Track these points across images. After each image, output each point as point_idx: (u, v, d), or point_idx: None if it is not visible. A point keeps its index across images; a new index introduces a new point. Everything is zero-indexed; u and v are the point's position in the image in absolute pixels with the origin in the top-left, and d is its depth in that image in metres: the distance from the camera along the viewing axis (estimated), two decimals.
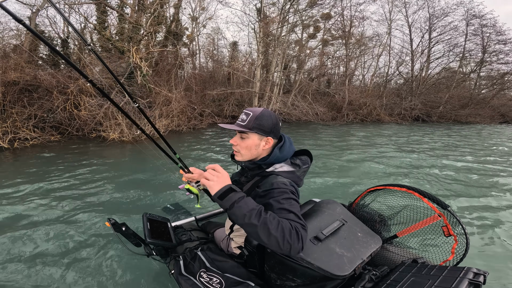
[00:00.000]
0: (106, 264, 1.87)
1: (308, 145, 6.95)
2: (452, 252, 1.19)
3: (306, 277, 1.00)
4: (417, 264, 1.09)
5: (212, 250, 1.36)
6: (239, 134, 1.12)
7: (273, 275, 1.10)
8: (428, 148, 6.91)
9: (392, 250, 1.32)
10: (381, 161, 5.22)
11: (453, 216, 1.15)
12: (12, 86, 6.23)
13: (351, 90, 15.18)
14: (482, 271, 0.90)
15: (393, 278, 1.02)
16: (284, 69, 12.36)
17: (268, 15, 11.48)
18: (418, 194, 1.27)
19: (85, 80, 6.34)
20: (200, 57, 15.33)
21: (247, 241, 1.20)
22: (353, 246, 1.08)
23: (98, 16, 7.86)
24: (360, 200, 1.57)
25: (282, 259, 1.02)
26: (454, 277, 0.89)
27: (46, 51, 9.85)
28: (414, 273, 1.01)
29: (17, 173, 3.85)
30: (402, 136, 9.26)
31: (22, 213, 2.62)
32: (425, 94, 17.43)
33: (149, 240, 1.31)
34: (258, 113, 1.08)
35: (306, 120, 11.88)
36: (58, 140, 6.25)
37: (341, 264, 0.98)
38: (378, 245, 1.15)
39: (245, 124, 1.07)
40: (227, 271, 1.20)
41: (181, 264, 1.29)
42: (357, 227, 1.21)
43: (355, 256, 1.03)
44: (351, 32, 14.95)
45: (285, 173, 1.11)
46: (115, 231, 1.28)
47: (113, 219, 1.28)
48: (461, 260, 1.17)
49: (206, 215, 2.06)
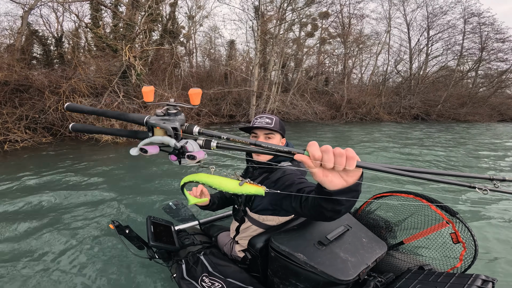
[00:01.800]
0: (108, 266, 1.85)
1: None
2: (460, 259, 1.17)
3: (310, 282, 0.97)
4: (424, 271, 1.07)
5: (215, 255, 1.35)
6: (265, 135, 1.21)
7: (276, 280, 1.08)
8: (430, 146, 6.81)
9: (398, 257, 1.29)
10: (383, 161, 5.10)
11: (462, 223, 1.12)
12: (3, 86, 6.04)
13: (349, 88, 15.09)
14: (491, 278, 0.88)
15: (398, 285, 0.99)
16: (282, 67, 12.22)
17: (266, 13, 11.33)
18: (425, 201, 1.23)
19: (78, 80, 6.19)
20: (197, 56, 15.17)
21: (250, 245, 1.18)
22: (358, 251, 1.06)
23: (91, 14, 7.68)
24: (366, 207, 1.53)
25: (286, 263, 1.00)
26: (462, 284, 0.87)
27: (40, 51, 9.67)
28: (421, 280, 0.99)
29: (9, 177, 3.69)
30: (402, 134, 9.16)
31: (21, 217, 2.55)
32: (424, 93, 17.38)
33: (152, 243, 1.29)
34: (277, 117, 1.26)
35: (305, 119, 11.76)
36: (50, 142, 6.07)
37: (345, 269, 0.95)
38: (383, 250, 1.13)
39: (273, 126, 1.19)
40: (230, 276, 1.19)
41: (183, 268, 1.28)
42: (362, 233, 1.19)
43: (359, 261, 1.01)
44: (350, 30, 14.83)
45: (291, 166, 1.18)
46: (119, 233, 1.27)
47: (117, 222, 1.27)
48: (469, 267, 1.15)
49: (210, 219, 2.08)
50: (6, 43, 8.62)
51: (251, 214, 1.24)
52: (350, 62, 16.61)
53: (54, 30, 10.25)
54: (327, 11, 13.71)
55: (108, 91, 6.49)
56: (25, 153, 5.08)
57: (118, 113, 0.70)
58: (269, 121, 1.21)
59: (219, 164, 4.56)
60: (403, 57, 18.72)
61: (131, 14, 6.95)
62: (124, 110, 6.22)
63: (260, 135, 1.23)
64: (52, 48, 9.62)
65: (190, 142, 0.62)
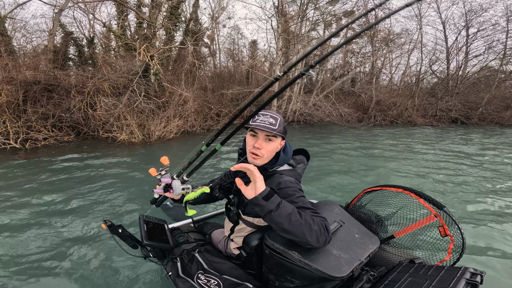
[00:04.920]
0: (102, 267, 1.85)
1: (334, 148, 6.28)
2: (449, 252, 1.19)
3: (305, 278, 0.99)
4: (415, 265, 1.10)
5: (210, 252, 1.35)
6: (266, 137, 1.10)
7: (272, 276, 1.10)
8: (475, 155, 5.94)
9: (390, 251, 1.32)
10: (420, 171, 4.46)
11: (449, 216, 1.15)
12: (32, 86, 6.32)
13: (378, 89, 14.08)
14: (479, 271, 0.90)
15: (390, 279, 1.01)
16: (304, 66, 11.69)
17: (287, 12, 10.91)
18: (414, 195, 1.26)
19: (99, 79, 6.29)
20: (221, 57, 15.16)
21: (245, 243, 1.19)
22: (351, 247, 1.08)
23: (117, 15, 7.86)
24: (357, 201, 1.56)
25: (280, 260, 1.02)
26: (452, 277, 0.89)
27: (74, 52, 10.18)
28: (412, 273, 1.01)
29: (23, 174, 3.71)
30: (441, 140, 8.22)
31: (18, 215, 2.57)
32: (464, 94, 15.74)
33: (146, 242, 1.28)
34: (281, 117, 1.13)
35: (329, 122, 11.11)
36: (71, 141, 6.21)
37: (339, 266, 0.97)
38: (376, 246, 1.15)
39: (277, 128, 1.07)
40: (225, 272, 1.19)
41: (178, 266, 1.27)
42: (355, 228, 1.21)
43: (352, 257, 1.03)
44: (377, 28, 13.82)
45: (287, 171, 1.15)
46: (112, 233, 1.25)
47: (109, 221, 1.25)
48: (457, 260, 1.18)
49: (203, 216, 2.08)
50: (42, 44, 9.19)
51: (245, 217, 1.22)
52: (379, 62, 15.56)
53: (86, 32, 10.78)
54: (352, 10, 12.94)
55: (129, 91, 6.52)
56: (44, 151, 5.19)
57: None
58: (273, 121, 1.08)
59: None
60: (439, 56, 17.20)
61: (151, 14, 6.96)
62: (142, 109, 6.20)
63: (260, 136, 1.10)
64: (85, 49, 10.09)
65: (173, 183, 1.12)
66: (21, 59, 7.39)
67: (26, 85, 6.17)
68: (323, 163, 4.82)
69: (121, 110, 6.19)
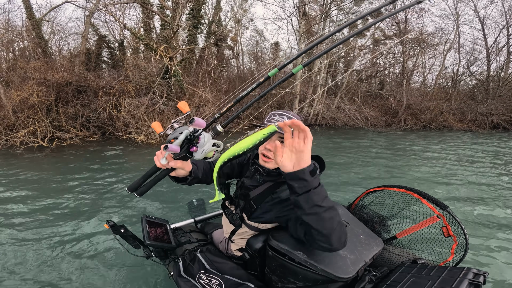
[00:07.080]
0: (105, 266, 1.85)
1: (359, 156, 5.87)
2: (452, 253, 1.17)
3: (308, 280, 0.98)
4: (417, 265, 1.09)
5: (211, 252, 1.34)
6: (279, 138, 1.04)
7: (274, 278, 1.08)
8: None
9: (392, 251, 1.29)
10: (461, 188, 3.95)
11: (453, 216, 1.13)
12: (65, 87, 6.69)
13: (409, 92, 13.13)
14: (482, 272, 0.89)
15: (393, 279, 1.00)
16: (328, 67, 11.24)
17: (309, 13, 10.57)
18: (417, 195, 1.24)
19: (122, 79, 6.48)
20: (244, 58, 15.18)
21: (248, 245, 1.17)
22: (356, 248, 1.06)
23: (143, 18, 8.13)
24: (359, 201, 1.53)
25: (284, 262, 1.01)
26: (454, 277, 0.88)
27: (107, 55, 10.76)
28: (414, 273, 1.00)
29: (46, 169, 3.85)
30: (487, 148, 7.37)
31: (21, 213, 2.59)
32: (507, 97, 14.17)
33: (148, 242, 1.29)
34: (299, 118, 1.07)
35: (354, 126, 10.54)
36: (94, 140, 6.45)
37: (345, 266, 0.95)
38: (380, 247, 1.13)
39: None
40: (227, 272, 1.19)
41: (180, 266, 1.27)
42: (359, 229, 1.20)
43: (358, 258, 1.01)
44: (407, 27, 12.90)
45: None
46: (114, 233, 1.26)
47: (112, 221, 1.26)
48: (460, 260, 1.16)
49: (205, 216, 2.09)
50: (78, 47, 9.79)
51: (250, 222, 1.17)
52: (410, 64, 14.54)
53: (117, 35, 11.33)
54: (379, 10, 12.24)
55: (151, 92, 6.65)
56: (69, 149, 5.40)
57: None
58: None
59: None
60: (478, 57, 15.70)
61: (173, 15, 7.06)
62: (162, 110, 6.28)
63: (273, 137, 1.02)
64: (116, 51, 10.61)
65: (203, 133, 0.76)
66: (59, 61, 7.90)
67: (58, 87, 6.55)
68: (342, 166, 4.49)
69: (142, 111, 6.31)
